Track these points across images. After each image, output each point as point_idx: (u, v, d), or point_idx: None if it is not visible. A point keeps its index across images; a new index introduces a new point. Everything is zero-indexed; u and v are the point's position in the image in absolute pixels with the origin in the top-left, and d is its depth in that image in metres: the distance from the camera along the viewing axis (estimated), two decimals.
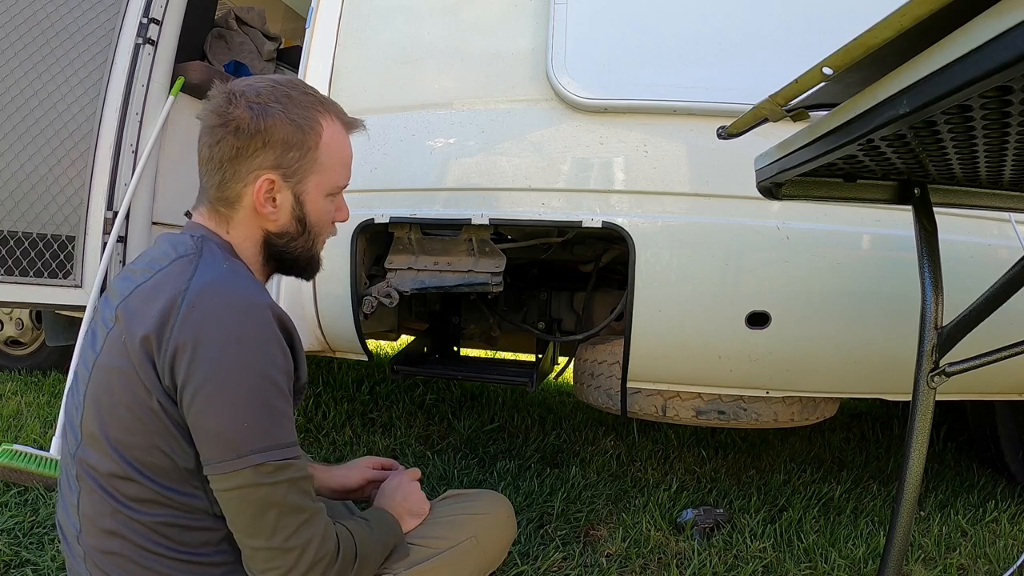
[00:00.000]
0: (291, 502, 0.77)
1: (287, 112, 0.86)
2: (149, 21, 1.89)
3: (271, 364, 0.78)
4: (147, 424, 0.77)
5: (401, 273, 1.55)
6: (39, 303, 1.94)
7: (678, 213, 1.36)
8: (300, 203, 0.91)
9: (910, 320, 1.03)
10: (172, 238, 0.88)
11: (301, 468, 0.80)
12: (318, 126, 0.89)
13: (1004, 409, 1.97)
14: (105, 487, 0.79)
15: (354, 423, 2.31)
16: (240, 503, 0.77)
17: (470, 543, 1.04)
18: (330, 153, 0.91)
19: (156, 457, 0.78)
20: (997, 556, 1.54)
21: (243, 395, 0.76)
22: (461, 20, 1.51)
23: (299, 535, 0.77)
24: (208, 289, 0.78)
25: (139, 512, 0.78)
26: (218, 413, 0.75)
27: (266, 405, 0.77)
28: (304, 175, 0.89)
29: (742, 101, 1.05)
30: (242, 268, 0.87)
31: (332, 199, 0.94)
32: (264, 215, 0.88)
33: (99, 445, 0.79)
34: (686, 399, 1.54)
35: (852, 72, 0.62)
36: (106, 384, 0.79)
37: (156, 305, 0.78)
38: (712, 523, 1.60)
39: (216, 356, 0.75)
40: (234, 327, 0.77)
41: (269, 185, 0.87)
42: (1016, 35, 0.41)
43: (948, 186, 0.97)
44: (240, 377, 0.76)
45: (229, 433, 0.75)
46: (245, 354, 0.77)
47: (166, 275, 0.81)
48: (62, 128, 1.88)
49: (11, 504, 1.56)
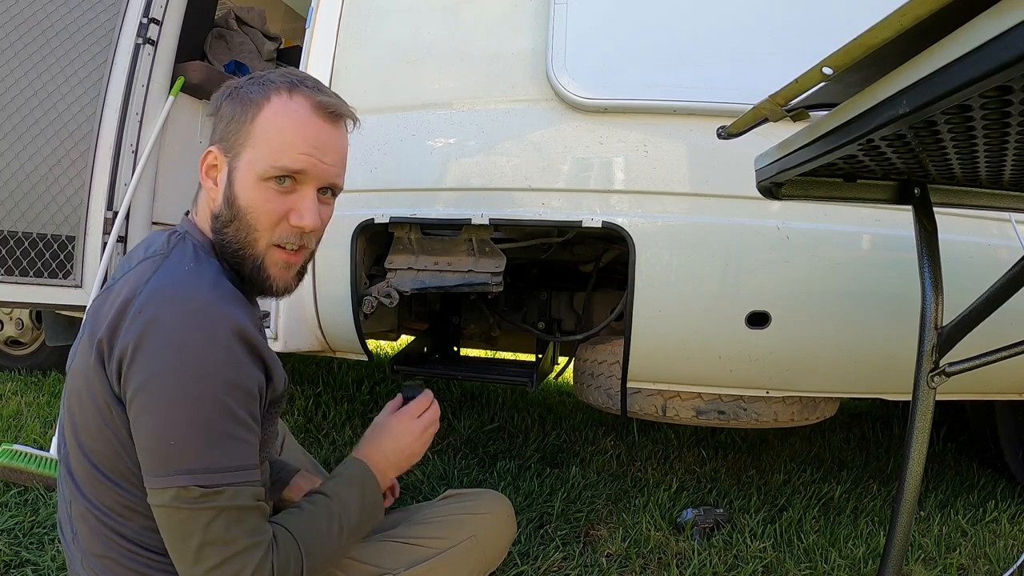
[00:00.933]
0: (216, 533, 0.70)
1: (241, 86, 0.83)
2: (149, 21, 1.89)
3: (217, 378, 0.71)
4: (109, 431, 0.75)
5: (401, 273, 1.55)
6: (39, 303, 1.94)
7: (678, 213, 1.36)
8: (231, 181, 0.81)
9: (910, 320, 1.03)
10: (151, 237, 0.85)
11: (243, 495, 0.71)
12: (263, 100, 0.80)
13: (1004, 409, 1.97)
14: (86, 494, 0.78)
15: (354, 423, 2.31)
16: (164, 522, 0.72)
17: (470, 543, 1.04)
18: (268, 127, 0.80)
19: (122, 464, 0.75)
20: (997, 556, 1.54)
21: (176, 409, 0.69)
22: (461, 20, 1.51)
23: (224, 568, 0.70)
24: (160, 292, 0.72)
25: (118, 521, 0.77)
26: (149, 423, 0.70)
27: (204, 424, 0.70)
28: (239, 149, 0.81)
29: (742, 101, 1.05)
30: (211, 270, 0.78)
31: (271, 186, 0.80)
32: (207, 191, 0.84)
33: (75, 452, 0.78)
34: (686, 399, 1.54)
35: (852, 72, 0.62)
36: (76, 390, 0.78)
37: (112, 309, 0.74)
38: (712, 523, 1.60)
39: (153, 362, 0.69)
40: (177, 333, 0.70)
41: (212, 160, 0.83)
42: (1016, 35, 0.41)
43: (948, 186, 0.97)
44: (175, 389, 0.69)
45: (157, 446, 0.70)
46: (184, 364, 0.70)
47: (128, 278, 0.77)
48: (62, 128, 1.88)
49: (11, 504, 1.55)
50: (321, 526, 0.81)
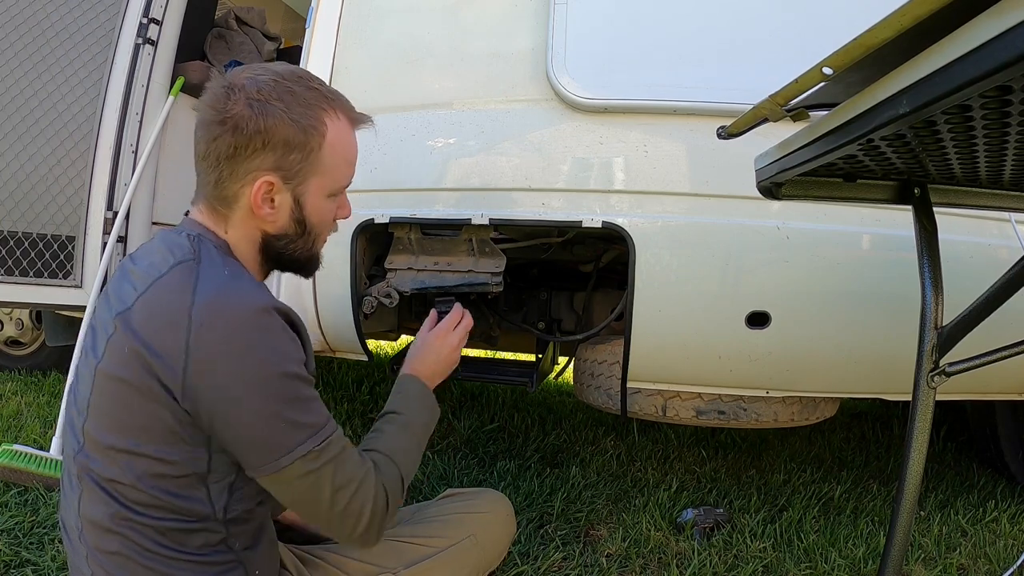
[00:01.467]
0: (339, 480, 0.80)
1: (289, 111, 0.83)
2: (149, 21, 1.89)
3: (288, 360, 0.79)
4: (154, 434, 0.77)
5: (401, 273, 1.55)
6: (39, 303, 1.94)
7: (678, 213, 1.36)
8: (300, 205, 0.87)
9: (910, 320, 1.03)
10: (168, 239, 0.85)
11: (339, 442, 0.82)
12: (322, 126, 0.85)
13: (1004, 409, 1.97)
14: (107, 490, 0.78)
15: (354, 423, 2.31)
16: (293, 494, 0.80)
17: (469, 542, 1.04)
18: (334, 154, 0.87)
19: (161, 467, 0.77)
20: (997, 556, 1.54)
21: (271, 401, 0.77)
22: (461, 20, 1.51)
23: (353, 503, 0.81)
24: (215, 303, 0.77)
25: (140, 515, 0.78)
26: (252, 424, 0.76)
27: (294, 400, 0.78)
28: (305, 177, 0.86)
29: (742, 101, 1.05)
30: (240, 270, 0.85)
31: (334, 199, 0.91)
32: (261, 217, 0.86)
33: (101, 451, 0.79)
34: (686, 399, 1.54)
35: (852, 72, 0.62)
36: (110, 393, 0.78)
37: (160, 321, 0.76)
38: (712, 523, 1.60)
39: (238, 370, 0.75)
40: (248, 338, 0.77)
41: (267, 187, 0.84)
42: (1016, 35, 0.41)
43: (948, 186, 0.97)
44: (265, 385, 0.76)
45: (267, 439, 0.77)
46: (264, 362, 0.77)
47: (166, 286, 0.78)
48: (62, 128, 1.88)
49: (11, 504, 1.56)
50: (403, 440, 0.94)
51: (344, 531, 0.83)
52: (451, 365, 1.09)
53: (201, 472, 0.78)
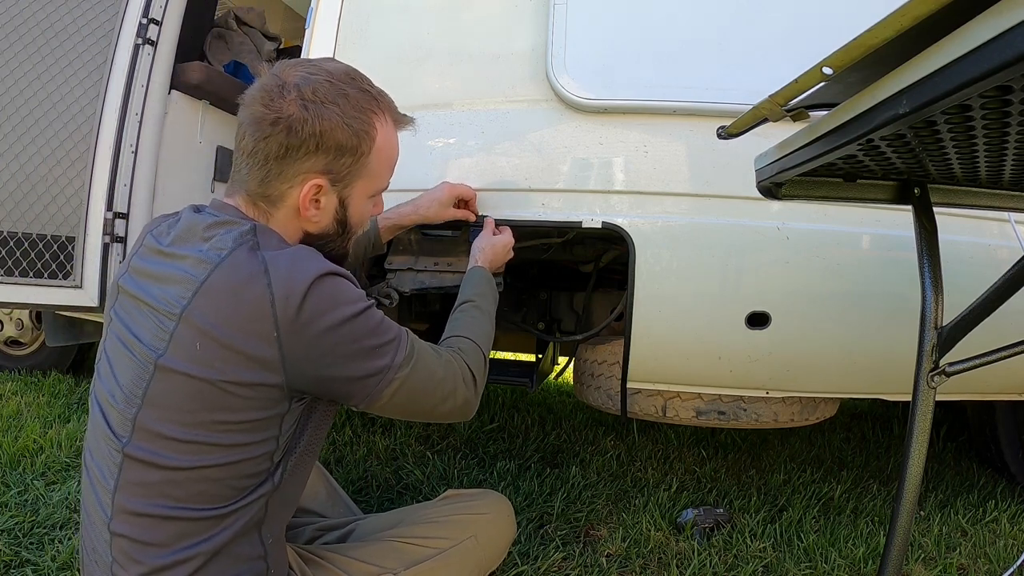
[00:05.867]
0: (434, 374, 0.90)
1: (344, 115, 0.83)
2: (149, 21, 1.89)
3: (359, 299, 0.83)
4: (230, 426, 0.77)
5: (401, 274, 1.55)
6: (39, 304, 1.94)
7: (678, 213, 1.36)
8: (344, 207, 0.90)
9: (910, 320, 1.03)
10: (205, 220, 0.83)
11: (413, 341, 0.90)
12: (372, 130, 0.87)
13: (1004, 409, 1.97)
14: (160, 465, 0.77)
15: (354, 423, 2.31)
16: (404, 404, 0.88)
17: (470, 542, 1.04)
18: (380, 157, 0.89)
19: (235, 432, 0.78)
20: (997, 556, 1.54)
21: (363, 341, 0.82)
22: (461, 20, 1.51)
23: (455, 384, 0.92)
24: (290, 277, 0.78)
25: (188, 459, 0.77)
26: (354, 368, 0.82)
27: (375, 328, 0.84)
28: (352, 180, 0.88)
29: (742, 101, 1.05)
30: (294, 244, 0.87)
31: (373, 199, 0.95)
32: (307, 217, 0.87)
33: (159, 440, 0.77)
34: (686, 399, 1.54)
35: (852, 72, 0.62)
36: (180, 389, 0.76)
37: (243, 308, 0.75)
38: (712, 523, 1.60)
39: (327, 327, 0.78)
40: (330, 297, 0.79)
41: (316, 190, 0.84)
42: (1016, 35, 0.41)
43: (948, 186, 0.97)
44: (356, 331, 0.81)
45: (367, 373, 0.83)
46: (344, 312, 0.80)
47: (232, 271, 0.77)
48: (62, 128, 1.88)
49: (11, 504, 1.56)
50: (479, 322, 1.09)
51: (444, 412, 0.93)
52: (506, 252, 1.30)
53: (283, 412, 0.81)
